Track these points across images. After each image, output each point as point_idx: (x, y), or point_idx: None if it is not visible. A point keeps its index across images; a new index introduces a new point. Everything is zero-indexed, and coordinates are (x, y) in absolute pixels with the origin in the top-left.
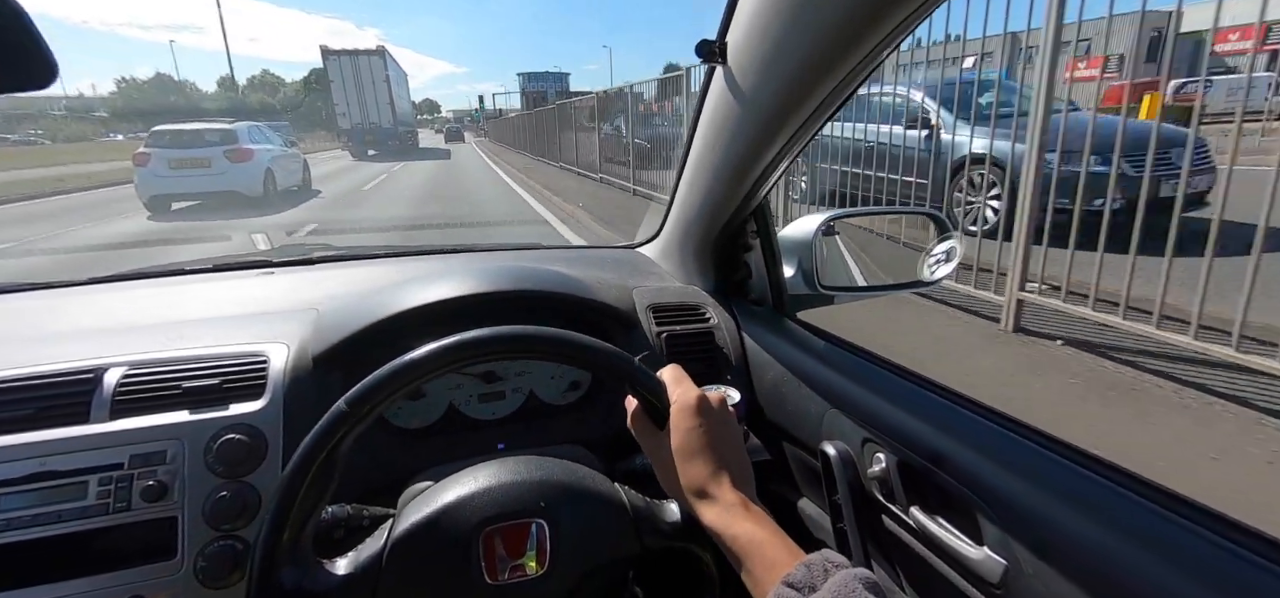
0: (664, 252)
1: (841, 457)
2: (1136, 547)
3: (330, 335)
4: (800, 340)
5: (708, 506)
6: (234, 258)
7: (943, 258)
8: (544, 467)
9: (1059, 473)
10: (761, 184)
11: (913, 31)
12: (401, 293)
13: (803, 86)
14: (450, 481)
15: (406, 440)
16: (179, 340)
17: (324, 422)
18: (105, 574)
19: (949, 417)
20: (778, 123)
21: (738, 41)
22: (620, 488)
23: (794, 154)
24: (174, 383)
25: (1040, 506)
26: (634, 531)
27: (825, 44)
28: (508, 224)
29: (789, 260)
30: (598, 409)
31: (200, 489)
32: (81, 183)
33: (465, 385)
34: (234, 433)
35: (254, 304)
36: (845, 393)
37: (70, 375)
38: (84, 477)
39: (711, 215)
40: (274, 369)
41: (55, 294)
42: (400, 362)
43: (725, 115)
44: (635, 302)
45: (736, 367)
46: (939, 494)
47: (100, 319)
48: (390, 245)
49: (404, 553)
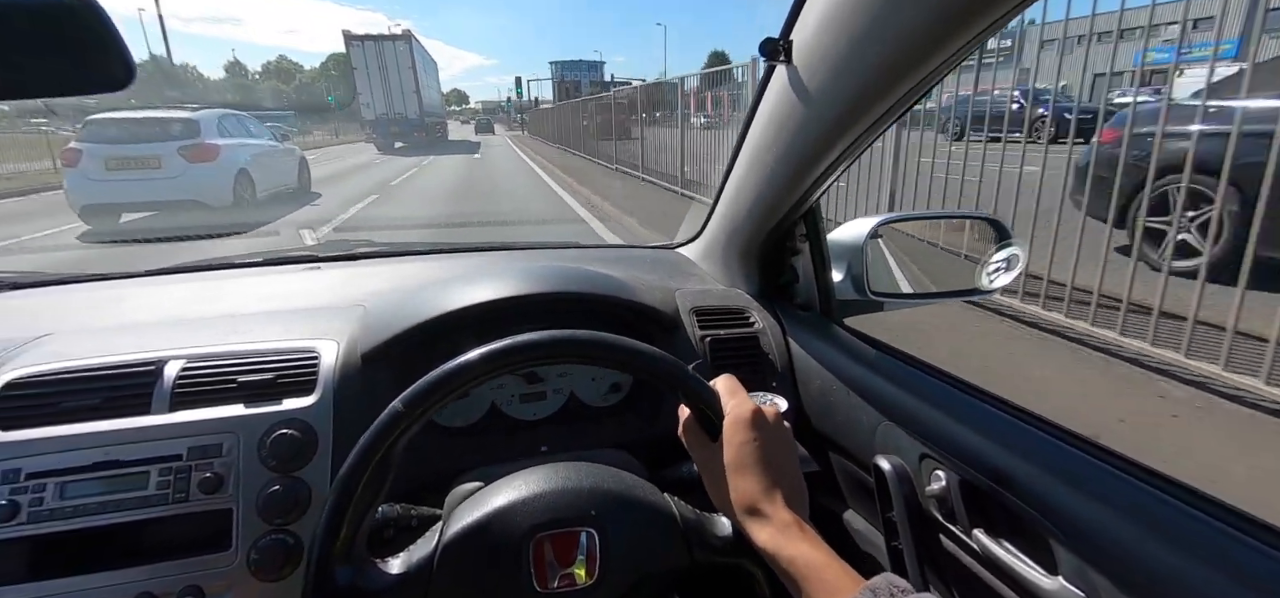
0: (706, 252)
1: (897, 472)
2: (1242, 590)
3: (379, 333)
4: (850, 348)
5: (760, 524)
6: (282, 253)
7: (1002, 266)
8: (595, 475)
9: (1147, 501)
10: (818, 186)
11: (1004, 27)
12: (447, 293)
13: (878, 87)
14: (501, 484)
15: (449, 439)
16: (233, 334)
17: (381, 421)
18: (163, 563)
19: (1015, 434)
20: (845, 124)
21: (805, 40)
22: (671, 499)
23: (856, 156)
24: (230, 377)
25: (1127, 536)
26: (684, 543)
27: (910, 43)
28: (546, 223)
29: (837, 265)
30: (639, 413)
31: (254, 483)
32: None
33: (508, 385)
34: (286, 428)
35: (302, 299)
36: (901, 405)
37: (133, 367)
38: (146, 467)
39: (762, 217)
40: (325, 366)
41: (115, 286)
42: (455, 364)
43: (786, 114)
44: (678, 304)
45: (782, 373)
46: (1006, 517)
47: (158, 312)
48: (431, 241)
49: (456, 556)
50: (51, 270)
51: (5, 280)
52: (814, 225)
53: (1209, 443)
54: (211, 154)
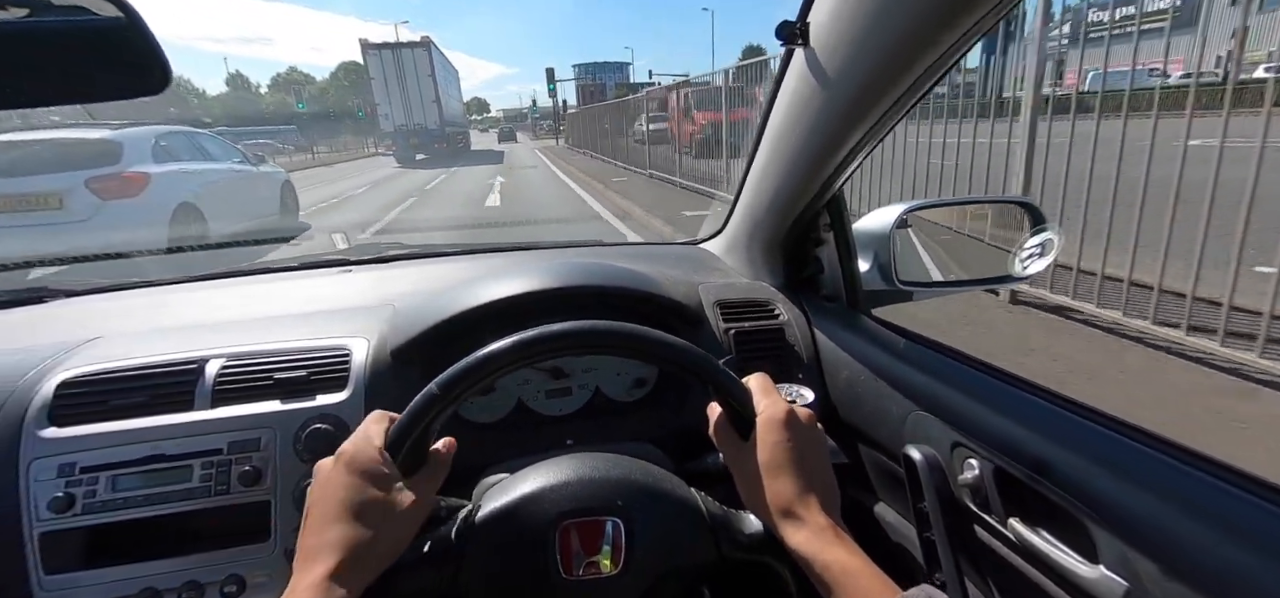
0: (729, 247)
1: (928, 462)
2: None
3: (407, 330)
4: (878, 338)
5: (795, 527)
6: (315, 257)
7: (1037, 251)
8: (622, 465)
9: (1195, 487)
10: (840, 173)
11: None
12: (474, 289)
13: (897, 65)
14: (528, 471)
15: (477, 434)
16: (270, 334)
17: (417, 402)
18: (207, 553)
19: (1053, 421)
20: (866, 106)
21: (823, 21)
22: (698, 494)
23: (878, 140)
24: (266, 374)
25: (1170, 522)
26: (711, 538)
27: (927, 16)
28: (570, 222)
29: (864, 255)
30: (664, 407)
31: (290, 475)
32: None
33: (534, 381)
34: (320, 423)
35: (335, 300)
36: (931, 394)
37: (177, 366)
38: (189, 461)
39: (784, 207)
40: (356, 362)
41: (160, 291)
42: (485, 352)
43: (806, 100)
44: (702, 298)
45: (808, 365)
46: (1043, 506)
47: (199, 314)
48: (459, 243)
49: (484, 538)
50: (101, 279)
51: (60, 289)
52: (839, 215)
53: None
54: (136, 186)
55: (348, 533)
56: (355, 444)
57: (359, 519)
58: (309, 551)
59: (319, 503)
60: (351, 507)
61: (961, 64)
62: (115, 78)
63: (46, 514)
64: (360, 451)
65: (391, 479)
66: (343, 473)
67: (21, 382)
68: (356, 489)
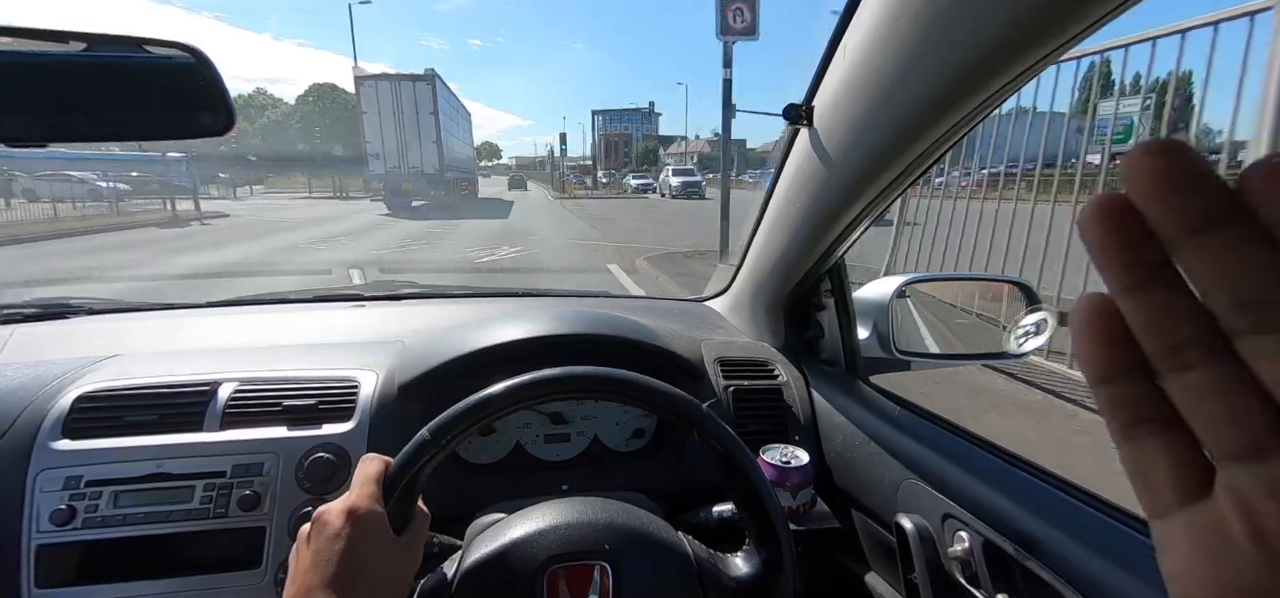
0: (733, 306)
1: (919, 532)
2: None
3: (415, 367)
4: (874, 404)
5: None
6: (330, 291)
7: (1031, 330)
8: (609, 510)
9: None
10: (840, 243)
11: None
12: (481, 331)
13: (894, 149)
14: (518, 516)
15: (474, 475)
16: (281, 362)
17: (409, 448)
18: (197, 576)
19: (1042, 497)
20: (863, 184)
21: (826, 105)
22: (685, 538)
23: (877, 213)
24: (275, 400)
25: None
26: (698, 584)
27: (923, 108)
28: (579, 271)
29: (863, 323)
30: (661, 459)
31: (288, 503)
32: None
33: (534, 425)
34: (324, 452)
35: (347, 333)
36: (924, 463)
37: (191, 387)
38: (192, 482)
39: (786, 272)
40: (364, 395)
41: (177, 315)
42: (474, 398)
43: (808, 175)
44: (703, 353)
45: (804, 426)
46: (1031, 583)
47: (214, 339)
48: (470, 286)
49: (474, 584)
50: (123, 299)
51: (82, 306)
52: (840, 282)
53: None
54: None
55: (349, 593)
56: (362, 498)
57: (360, 584)
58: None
59: (320, 557)
60: (352, 568)
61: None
62: (181, 119)
63: (47, 526)
64: (365, 506)
65: (390, 541)
66: (347, 530)
67: (42, 393)
68: (358, 549)
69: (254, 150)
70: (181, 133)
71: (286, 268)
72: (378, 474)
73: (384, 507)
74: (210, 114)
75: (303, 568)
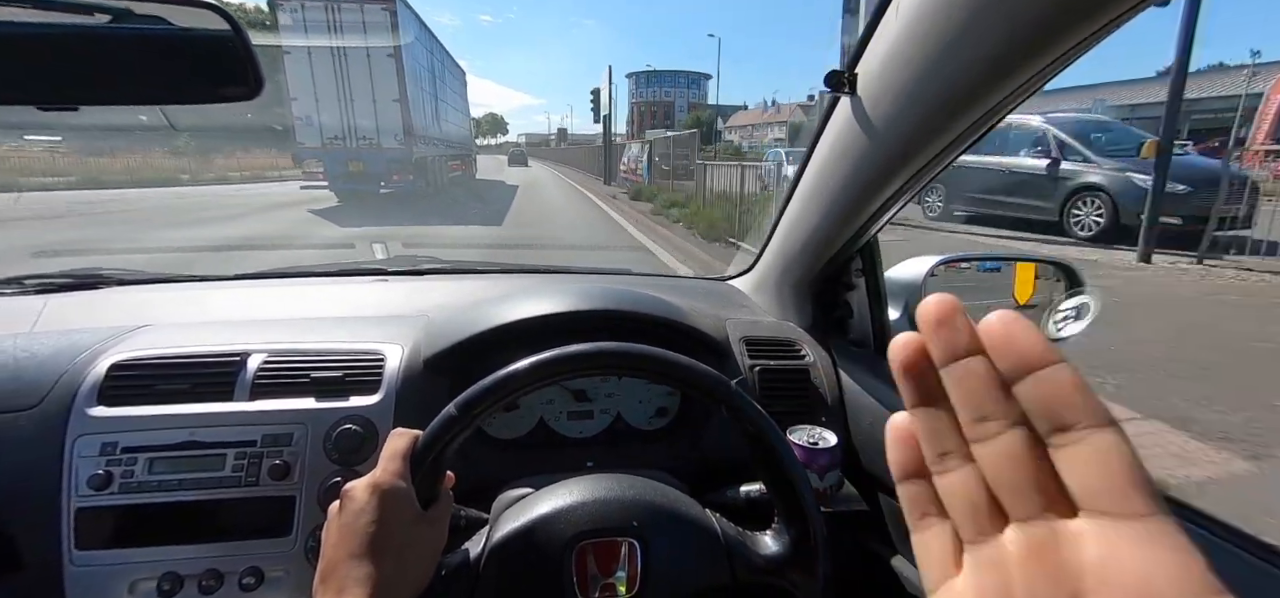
0: (758, 285)
1: None
2: None
3: (441, 340)
4: None
5: None
6: (355, 265)
7: (1072, 314)
8: (637, 486)
9: (1234, 565)
10: (876, 220)
11: (1069, 66)
12: (506, 306)
13: (941, 120)
14: (545, 492)
15: (498, 451)
16: (309, 334)
17: (436, 423)
18: (230, 543)
19: None
20: (906, 156)
21: (871, 71)
22: (713, 515)
23: (916, 190)
24: (304, 372)
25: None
26: (726, 561)
27: (974, 77)
28: (603, 248)
29: (894, 303)
30: (684, 438)
31: (317, 474)
32: None
33: (557, 401)
34: (351, 424)
35: (372, 308)
36: None
37: (222, 357)
38: (224, 450)
39: (818, 250)
40: (390, 368)
41: (207, 287)
42: (501, 374)
43: (847, 147)
44: (729, 333)
45: (832, 408)
46: None
47: (244, 311)
48: (494, 262)
49: (501, 559)
50: (153, 271)
51: (114, 277)
52: (871, 261)
53: None
54: None
55: (377, 569)
56: (387, 474)
57: (388, 555)
58: (339, 584)
59: (349, 532)
60: (381, 542)
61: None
62: (210, 84)
63: (85, 490)
64: (390, 482)
65: (417, 515)
66: (375, 505)
67: (77, 360)
68: (386, 524)
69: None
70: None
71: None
72: (405, 450)
73: (411, 482)
74: (244, 79)
75: (331, 543)
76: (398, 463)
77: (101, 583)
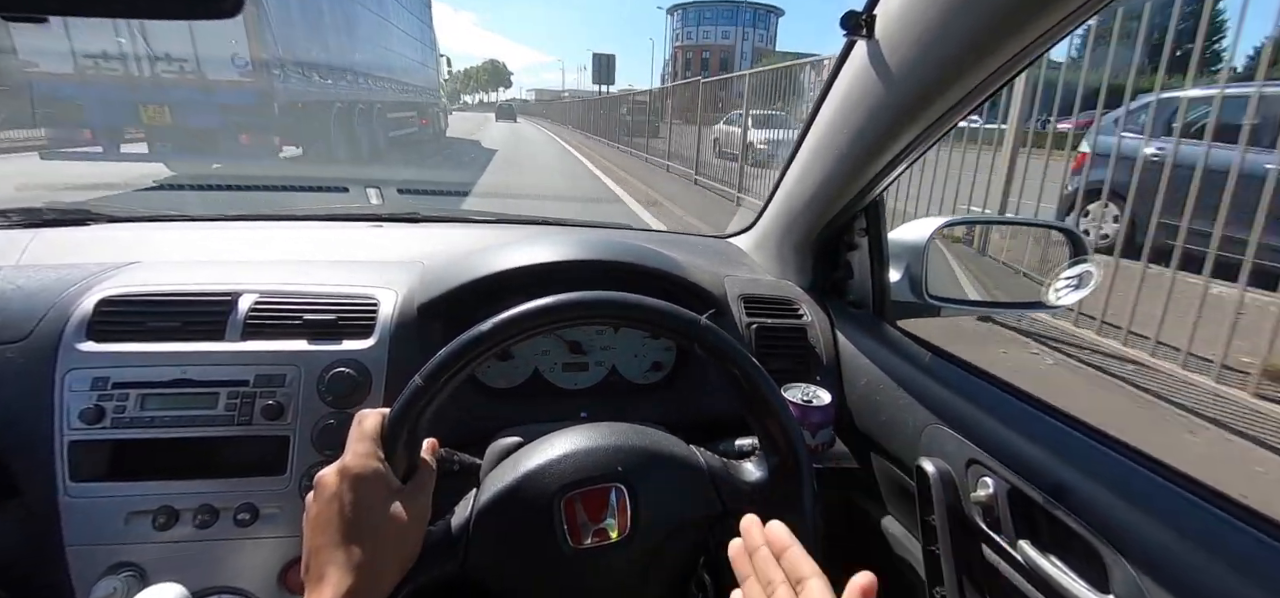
0: (758, 243)
1: (941, 476)
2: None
3: (435, 287)
4: (901, 348)
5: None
6: (350, 210)
7: (1074, 282)
8: (619, 432)
9: (1213, 525)
10: (885, 176)
11: (1098, 11)
12: (501, 254)
13: (963, 67)
14: (530, 448)
15: (493, 399)
16: (302, 276)
17: (404, 395)
18: (225, 480)
19: (1071, 445)
20: (924, 106)
21: (891, 11)
22: (697, 450)
23: (929, 144)
24: (296, 314)
25: (1188, 559)
26: (714, 492)
27: (1001, 18)
28: (599, 201)
29: (895, 265)
30: (679, 392)
31: (311, 415)
32: None
33: (552, 352)
34: (344, 367)
35: (366, 252)
36: (950, 408)
37: (212, 296)
38: (216, 389)
39: (822, 207)
40: (383, 313)
41: (199, 226)
42: (464, 338)
43: (861, 96)
44: (727, 290)
45: (827, 367)
46: (1056, 530)
47: (235, 251)
48: (489, 212)
49: (490, 519)
50: (143, 209)
51: (103, 214)
52: (876, 220)
53: None
54: None
55: (355, 553)
56: (355, 456)
57: (365, 537)
58: (319, 572)
59: (323, 520)
60: (356, 525)
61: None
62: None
63: (77, 424)
64: (360, 464)
65: (393, 491)
66: (346, 489)
67: (64, 295)
68: (359, 507)
69: None
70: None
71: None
72: (373, 430)
73: (385, 458)
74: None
75: (308, 534)
76: (366, 443)
77: (97, 515)
